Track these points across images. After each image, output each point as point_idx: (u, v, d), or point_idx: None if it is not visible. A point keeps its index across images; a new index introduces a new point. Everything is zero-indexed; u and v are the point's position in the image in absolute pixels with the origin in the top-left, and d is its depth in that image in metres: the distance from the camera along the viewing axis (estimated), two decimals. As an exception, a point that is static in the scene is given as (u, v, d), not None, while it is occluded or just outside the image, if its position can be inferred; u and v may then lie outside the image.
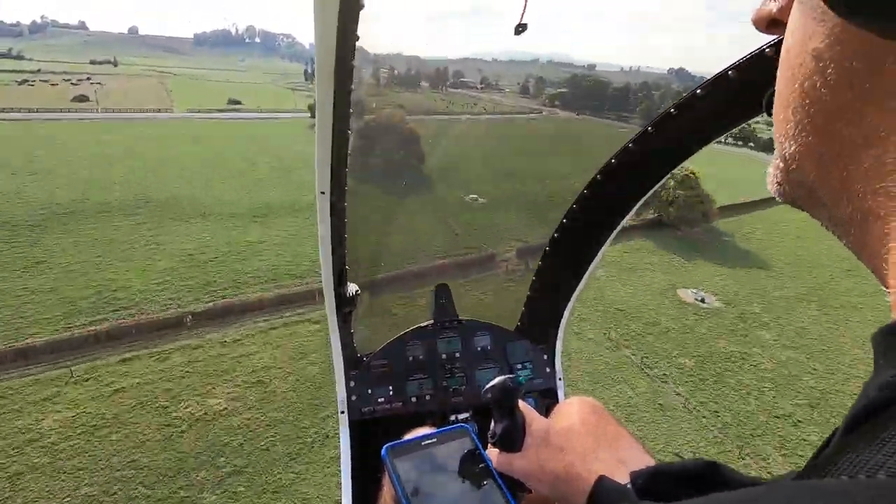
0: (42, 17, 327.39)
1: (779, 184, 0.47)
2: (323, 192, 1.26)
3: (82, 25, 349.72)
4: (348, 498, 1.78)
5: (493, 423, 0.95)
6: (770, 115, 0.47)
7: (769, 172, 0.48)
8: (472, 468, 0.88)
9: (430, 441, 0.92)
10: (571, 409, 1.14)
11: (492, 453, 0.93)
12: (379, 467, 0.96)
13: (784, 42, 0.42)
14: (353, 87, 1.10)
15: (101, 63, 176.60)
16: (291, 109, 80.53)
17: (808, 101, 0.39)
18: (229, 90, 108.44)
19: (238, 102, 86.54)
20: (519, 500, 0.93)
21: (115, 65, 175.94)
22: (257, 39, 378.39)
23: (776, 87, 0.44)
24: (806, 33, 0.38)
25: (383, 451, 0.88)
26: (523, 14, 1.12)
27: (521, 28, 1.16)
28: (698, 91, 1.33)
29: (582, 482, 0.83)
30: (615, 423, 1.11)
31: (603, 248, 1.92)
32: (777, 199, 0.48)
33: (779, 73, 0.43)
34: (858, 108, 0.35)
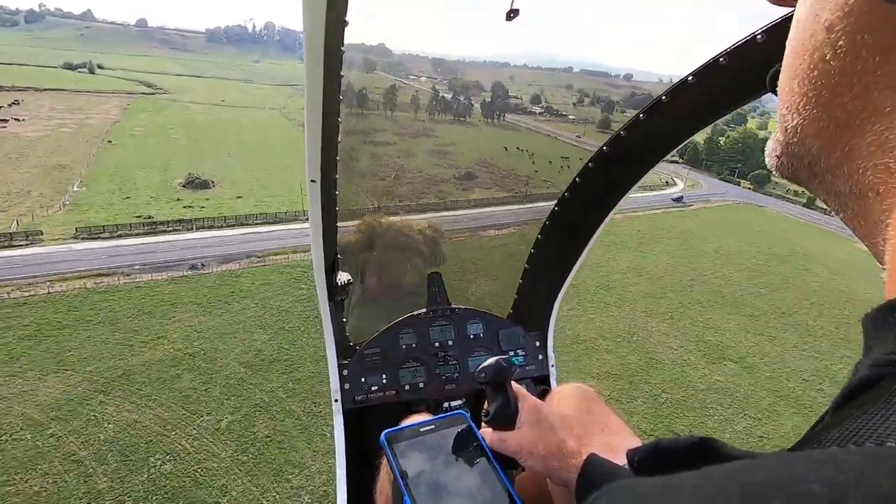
0: (41, 5, 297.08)
1: (777, 157, 0.46)
2: (314, 181, 1.25)
3: (88, 15, 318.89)
4: (343, 484, 1.76)
5: (486, 403, 1.00)
6: (774, 90, 0.46)
7: (768, 146, 0.48)
8: (469, 451, 0.92)
9: (427, 427, 0.96)
10: (565, 394, 1.24)
11: (486, 432, 0.97)
12: (373, 454, 1.04)
13: (795, 13, 0.41)
14: (342, 72, 1.12)
15: (76, 68, 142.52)
16: (291, 214, 43.46)
17: (815, 73, 0.38)
18: (212, 129, 72.16)
19: (204, 185, 49.05)
20: (512, 478, 0.99)
21: (93, 71, 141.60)
22: (276, 37, 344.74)
23: (784, 60, 0.43)
24: (818, 3, 0.37)
25: (382, 437, 0.92)
26: None
27: (512, 14, 1.13)
28: (689, 78, 1.34)
29: (573, 458, 0.89)
30: (607, 409, 1.22)
31: (595, 236, 1.90)
32: (773, 172, 0.48)
33: (788, 45, 0.42)
34: (866, 81, 0.35)
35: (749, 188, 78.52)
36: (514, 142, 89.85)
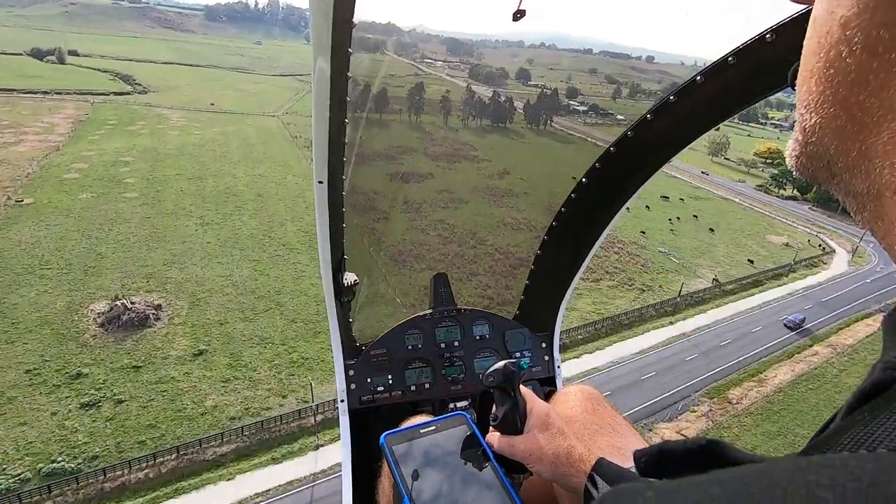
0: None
1: (797, 157, 0.46)
2: (321, 182, 1.26)
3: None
4: (349, 485, 1.77)
5: (494, 407, 0.99)
6: (794, 87, 0.46)
7: (788, 146, 0.47)
8: (470, 453, 0.92)
9: (428, 429, 0.96)
10: (571, 396, 1.25)
11: (493, 436, 0.97)
12: (379, 455, 1.07)
13: (812, 12, 0.41)
14: (350, 73, 1.13)
15: (44, 55, 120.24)
16: (293, 420, 22.40)
17: (832, 71, 0.38)
18: (186, 162, 50.05)
19: (139, 322, 27.23)
20: (519, 483, 1.00)
21: (62, 60, 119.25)
22: (280, 15, 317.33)
23: (801, 58, 0.43)
24: (834, 1, 0.37)
25: (382, 440, 0.93)
26: None
27: (519, 14, 1.12)
28: (698, 78, 1.34)
29: (582, 464, 0.89)
30: (613, 411, 1.22)
31: (601, 237, 1.92)
32: (794, 173, 0.47)
33: (805, 43, 0.42)
34: (882, 78, 0.34)
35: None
36: (575, 164, 67.28)
